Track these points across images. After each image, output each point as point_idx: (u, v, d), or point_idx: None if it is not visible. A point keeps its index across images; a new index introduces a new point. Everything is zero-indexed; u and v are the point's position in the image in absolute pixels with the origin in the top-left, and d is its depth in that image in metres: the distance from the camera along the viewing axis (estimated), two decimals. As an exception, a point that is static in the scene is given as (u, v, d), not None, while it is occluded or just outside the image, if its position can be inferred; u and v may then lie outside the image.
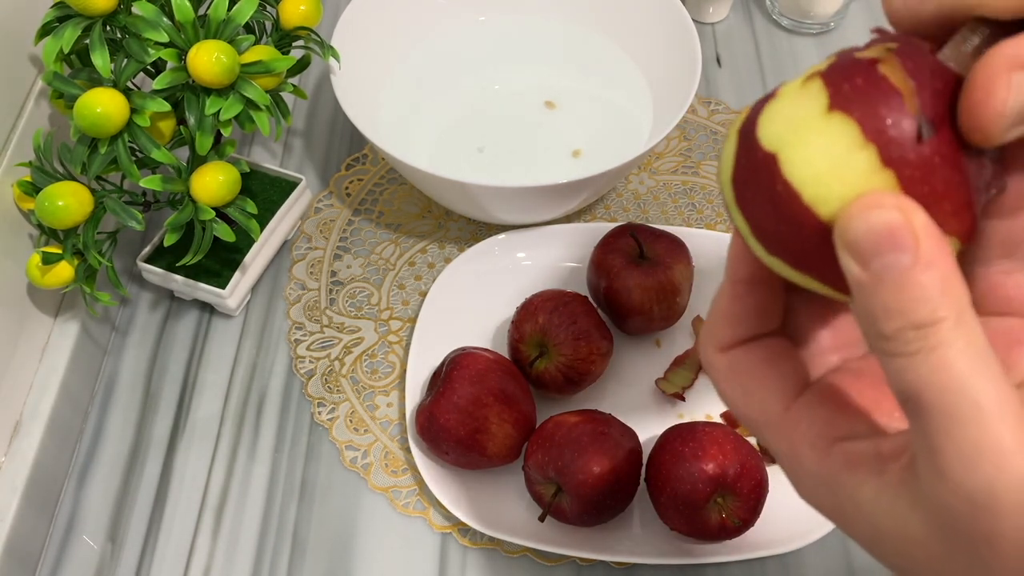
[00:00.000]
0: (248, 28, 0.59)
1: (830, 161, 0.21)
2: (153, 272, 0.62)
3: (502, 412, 0.53)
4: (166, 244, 0.55)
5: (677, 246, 0.59)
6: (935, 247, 0.20)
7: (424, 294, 0.65)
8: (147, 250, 0.63)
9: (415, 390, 0.58)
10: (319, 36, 0.61)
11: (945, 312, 0.20)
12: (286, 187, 0.66)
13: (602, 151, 0.68)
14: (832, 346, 0.28)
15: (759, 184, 0.23)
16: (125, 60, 0.51)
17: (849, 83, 0.22)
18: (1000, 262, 0.24)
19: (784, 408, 0.25)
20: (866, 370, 0.26)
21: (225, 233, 0.56)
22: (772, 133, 0.23)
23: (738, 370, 0.26)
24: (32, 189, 0.54)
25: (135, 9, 0.52)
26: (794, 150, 0.22)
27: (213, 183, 0.55)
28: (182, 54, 0.52)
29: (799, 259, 0.23)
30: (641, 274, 0.57)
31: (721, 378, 0.26)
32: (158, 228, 0.65)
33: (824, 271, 0.22)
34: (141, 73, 0.54)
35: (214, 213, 0.55)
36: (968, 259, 0.24)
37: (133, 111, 0.51)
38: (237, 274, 0.62)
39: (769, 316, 0.27)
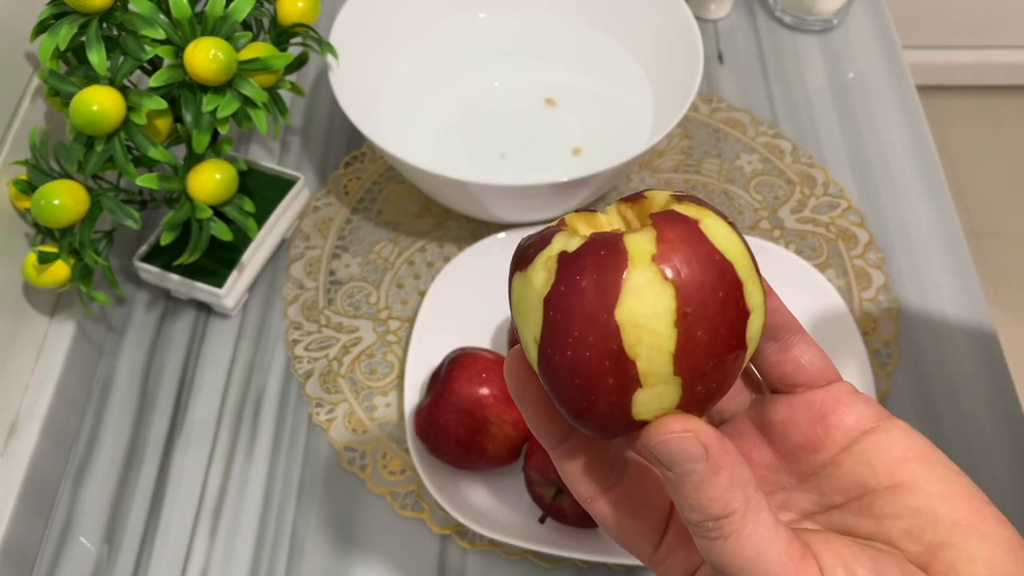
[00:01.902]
0: (245, 25, 0.59)
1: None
2: (150, 271, 0.62)
3: (502, 413, 0.53)
4: (163, 243, 0.55)
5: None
6: (721, 453, 0.24)
7: (423, 293, 0.65)
8: (144, 249, 0.62)
9: (414, 390, 0.58)
10: (317, 33, 0.60)
11: (736, 504, 0.24)
12: (284, 185, 0.66)
13: (603, 149, 0.68)
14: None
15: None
16: (122, 57, 0.51)
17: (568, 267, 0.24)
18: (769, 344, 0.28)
19: (654, 549, 0.29)
20: None
21: (222, 232, 0.56)
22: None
23: (615, 520, 0.29)
24: (28, 188, 0.54)
25: (132, 6, 0.51)
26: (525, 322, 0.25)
27: (210, 181, 0.54)
28: (179, 51, 0.51)
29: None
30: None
31: (603, 527, 0.30)
32: (155, 227, 0.64)
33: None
34: (138, 70, 0.54)
35: (211, 211, 0.55)
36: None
37: (130, 109, 0.51)
38: (234, 273, 0.62)
39: (609, 463, 0.29)
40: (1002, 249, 1.53)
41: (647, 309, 0.23)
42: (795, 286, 0.56)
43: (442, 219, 0.69)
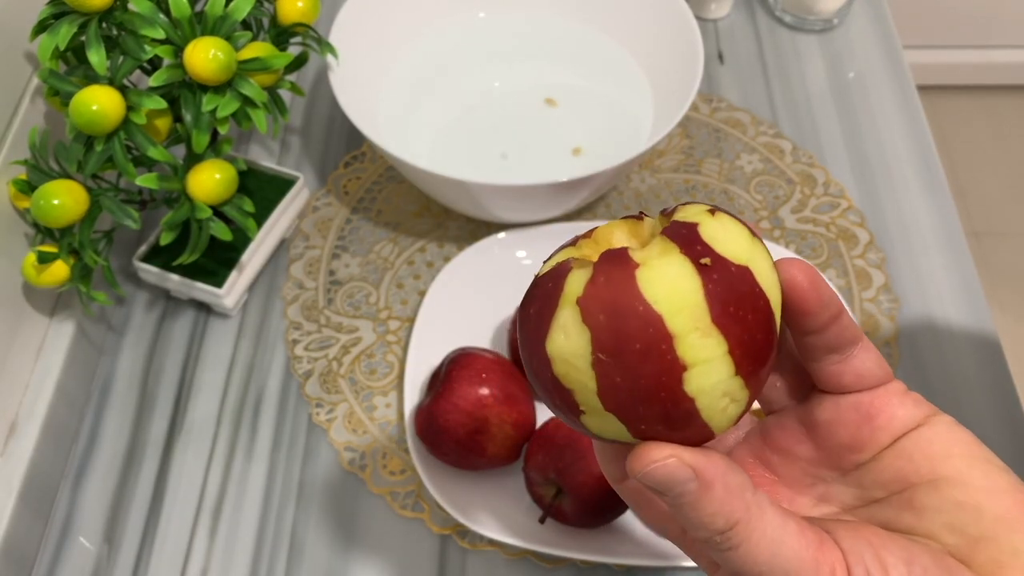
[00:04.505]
0: (245, 24, 0.59)
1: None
2: (149, 271, 0.62)
3: (502, 413, 0.53)
4: (162, 243, 0.55)
5: (678, 245, 0.58)
6: (710, 469, 0.24)
7: (423, 293, 0.64)
8: (143, 249, 0.62)
9: (413, 390, 0.58)
10: (317, 32, 0.60)
11: (738, 513, 0.24)
12: (283, 185, 0.66)
13: (603, 149, 0.68)
14: None
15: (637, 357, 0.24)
16: (121, 57, 0.51)
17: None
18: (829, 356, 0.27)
19: (681, 532, 0.30)
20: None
21: (222, 232, 0.56)
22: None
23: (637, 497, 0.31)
24: (28, 187, 0.54)
25: (131, 6, 0.51)
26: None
27: (210, 181, 0.54)
28: (179, 51, 0.51)
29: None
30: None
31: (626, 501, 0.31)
32: (155, 227, 0.64)
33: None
34: (138, 70, 0.54)
35: (211, 211, 0.54)
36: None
37: (129, 108, 0.50)
38: (234, 273, 0.62)
39: None
40: (1002, 249, 1.53)
41: (567, 347, 0.24)
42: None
43: (442, 219, 0.69)
